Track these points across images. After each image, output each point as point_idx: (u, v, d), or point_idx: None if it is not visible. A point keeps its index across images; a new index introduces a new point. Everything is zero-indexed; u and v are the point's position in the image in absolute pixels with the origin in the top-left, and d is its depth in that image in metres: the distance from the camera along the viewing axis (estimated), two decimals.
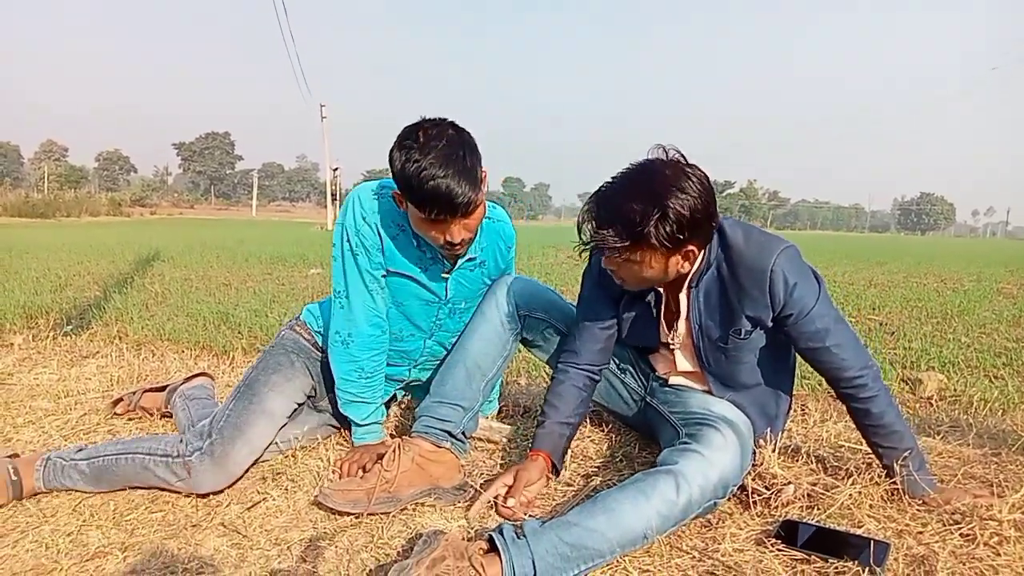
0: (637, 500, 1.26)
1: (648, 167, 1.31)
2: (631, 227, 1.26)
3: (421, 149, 1.35)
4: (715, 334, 1.47)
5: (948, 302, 4.95)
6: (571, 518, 1.24)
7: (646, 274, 1.36)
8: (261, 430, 1.59)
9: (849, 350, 1.42)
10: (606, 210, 1.29)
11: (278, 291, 4.94)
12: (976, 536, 1.30)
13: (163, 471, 1.49)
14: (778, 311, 1.39)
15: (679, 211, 1.24)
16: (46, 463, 1.52)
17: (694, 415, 1.50)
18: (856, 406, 1.46)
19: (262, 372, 1.67)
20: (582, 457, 1.80)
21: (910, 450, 1.44)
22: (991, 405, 2.28)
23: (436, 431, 1.63)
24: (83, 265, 6.37)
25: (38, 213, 24.17)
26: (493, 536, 1.19)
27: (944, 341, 3.43)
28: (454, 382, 1.67)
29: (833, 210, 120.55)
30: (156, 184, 71.17)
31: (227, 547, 1.32)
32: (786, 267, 1.36)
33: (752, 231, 1.42)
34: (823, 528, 1.33)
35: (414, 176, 1.34)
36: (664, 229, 1.25)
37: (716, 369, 1.53)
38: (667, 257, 1.33)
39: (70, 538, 1.34)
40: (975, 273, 7.94)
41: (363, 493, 1.46)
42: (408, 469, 1.52)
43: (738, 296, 1.41)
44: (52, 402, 2.20)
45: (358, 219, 1.55)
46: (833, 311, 1.43)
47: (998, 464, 1.74)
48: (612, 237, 1.28)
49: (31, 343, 3.04)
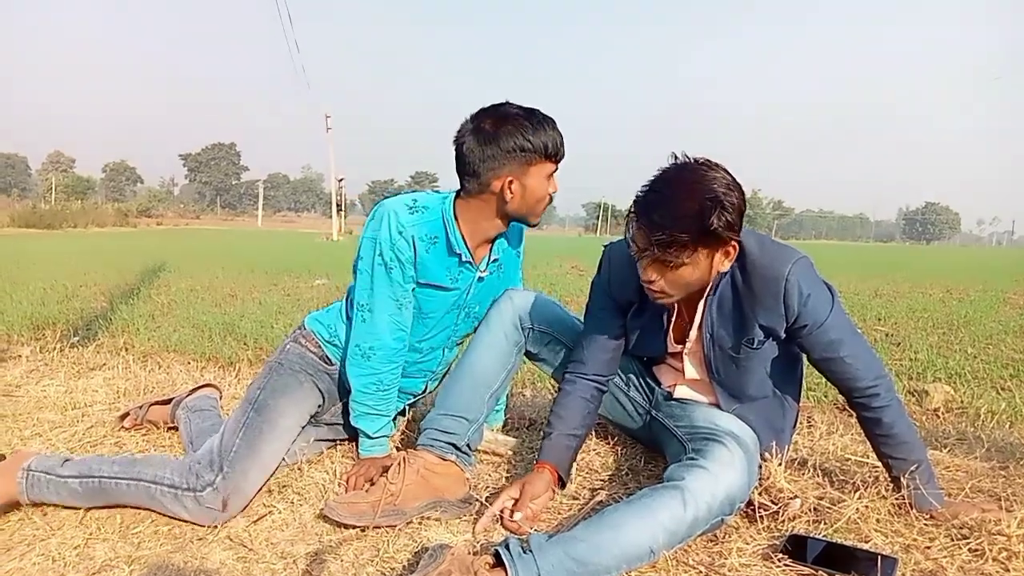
0: (643, 516, 1.26)
1: (685, 168, 1.31)
2: (696, 223, 1.25)
3: (531, 118, 1.53)
4: (727, 343, 1.47)
5: (954, 312, 4.93)
6: (577, 534, 1.24)
7: (691, 278, 1.34)
8: (273, 455, 1.58)
9: (863, 360, 1.43)
10: (663, 214, 1.27)
11: (284, 302, 4.96)
12: (984, 551, 1.30)
13: (171, 503, 1.45)
14: (792, 321, 1.40)
15: (732, 201, 1.26)
16: (27, 476, 1.46)
17: (700, 430, 1.50)
18: (867, 415, 1.46)
19: (270, 396, 1.62)
20: (588, 470, 1.79)
21: (919, 463, 1.44)
22: (998, 417, 2.27)
23: (441, 444, 1.63)
24: (89, 276, 6.40)
25: (45, 224, 24.27)
26: (499, 551, 1.19)
27: (950, 352, 3.42)
28: (459, 394, 1.67)
29: (838, 220, 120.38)
30: (162, 195, 71.61)
31: (233, 560, 1.32)
32: (801, 277, 1.37)
33: (766, 240, 1.43)
34: (830, 543, 1.32)
35: (547, 141, 1.53)
36: (724, 219, 1.25)
37: (725, 379, 1.53)
38: (712, 254, 1.32)
39: (76, 551, 1.34)
40: (981, 283, 7.92)
41: (368, 506, 1.46)
42: (413, 482, 1.52)
43: (752, 305, 1.41)
44: (59, 414, 2.21)
45: (394, 233, 1.57)
46: (847, 322, 1.44)
47: (1006, 478, 1.73)
48: (682, 236, 1.26)
49: (38, 355, 3.06)
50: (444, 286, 1.65)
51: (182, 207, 60.47)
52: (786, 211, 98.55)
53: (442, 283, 1.65)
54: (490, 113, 1.54)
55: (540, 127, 1.52)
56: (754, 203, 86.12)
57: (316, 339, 1.74)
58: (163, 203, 56.75)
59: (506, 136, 1.50)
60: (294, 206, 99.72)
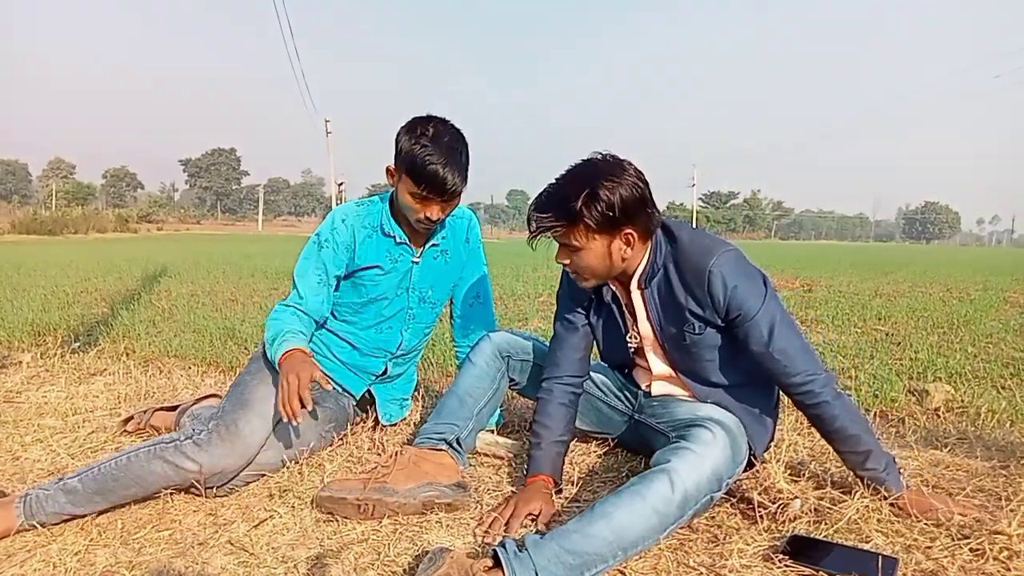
0: (633, 501, 1.27)
1: (584, 161, 1.44)
2: (563, 207, 1.39)
3: (431, 138, 1.61)
4: (672, 331, 1.54)
5: (954, 312, 4.93)
6: (570, 526, 1.25)
7: (591, 260, 1.45)
8: (266, 402, 1.63)
9: (793, 355, 1.43)
10: (544, 198, 1.43)
11: None
12: (985, 551, 1.29)
13: (172, 454, 1.49)
14: (724, 313, 1.45)
15: (608, 194, 1.36)
16: (25, 499, 1.45)
17: (682, 420, 1.53)
18: (807, 412, 1.48)
19: (249, 372, 1.74)
20: (588, 474, 1.79)
21: (869, 451, 1.44)
22: (999, 416, 2.27)
23: (433, 439, 1.69)
24: (90, 282, 6.41)
25: (46, 230, 24.33)
26: (496, 551, 1.19)
27: (951, 351, 3.42)
28: (448, 409, 1.75)
29: (837, 220, 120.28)
30: (163, 200, 71.58)
31: (234, 565, 1.32)
32: (724, 269, 1.42)
33: (697, 234, 1.49)
34: (831, 543, 1.32)
35: (419, 156, 1.60)
36: (595, 208, 1.37)
37: (687, 369, 1.58)
38: (607, 241, 1.43)
39: (77, 557, 1.34)
40: (981, 282, 7.92)
41: (358, 482, 1.51)
42: (404, 466, 1.58)
43: (684, 295, 1.48)
44: (60, 420, 2.21)
45: (337, 220, 1.81)
46: (781, 315, 1.44)
47: (1007, 477, 1.73)
48: (547, 219, 1.41)
49: (39, 361, 3.06)
50: (382, 266, 1.83)
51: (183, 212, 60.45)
52: (786, 211, 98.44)
53: (380, 263, 1.82)
54: (432, 121, 1.67)
55: (436, 158, 1.60)
56: (754, 203, 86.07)
57: None
58: (164, 208, 56.74)
59: (413, 141, 1.62)
60: (294, 210, 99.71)
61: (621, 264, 1.48)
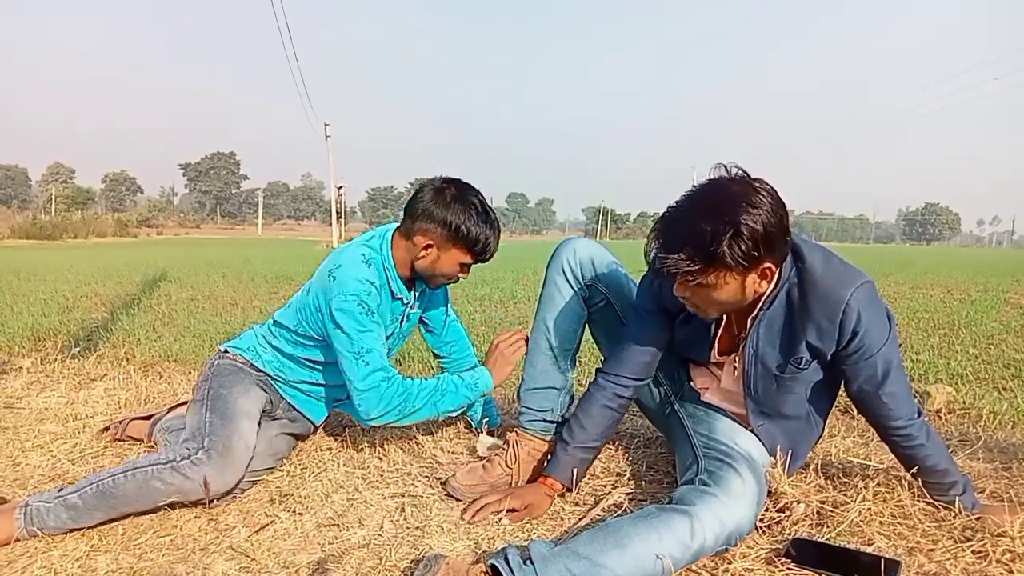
0: (650, 538, 1.23)
1: (714, 185, 1.23)
2: (703, 248, 1.18)
3: (484, 217, 1.67)
4: (772, 362, 1.41)
5: (955, 313, 4.93)
6: (581, 549, 1.21)
7: (722, 298, 1.28)
8: (246, 425, 1.64)
9: (900, 400, 1.39)
10: (675, 233, 1.22)
11: None
12: (988, 553, 1.29)
13: (170, 475, 1.49)
14: (842, 346, 1.34)
15: (752, 227, 1.17)
16: (25, 510, 1.44)
17: (717, 446, 1.45)
18: (900, 452, 1.46)
19: (222, 387, 1.71)
20: (591, 475, 1.79)
21: (955, 482, 1.44)
22: (1000, 418, 2.26)
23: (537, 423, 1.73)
24: (90, 287, 6.41)
25: (46, 235, 24.37)
26: (496, 564, 1.17)
27: (952, 353, 3.42)
28: (543, 366, 1.73)
29: (837, 221, 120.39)
30: (162, 204, 71.78)
31: (235, 571, 1.32)
32: (863, 302, 1.31)
33: (832, 258, 1.36)
34: (834, 546, 1.32)
35: (480, 237, 1.66)
36: (739, 247, 1.17)
37: (760, 397, 1.47)
38: (743, 277, 1.25)
39: (79, 563, 1.34)
40: (982, 283, 7.91)
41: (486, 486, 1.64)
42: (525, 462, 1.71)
43: (803, 323, 1.34)
44: (60, 425, 2.21)
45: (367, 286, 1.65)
46: (897, 357, 1.38)
47: (1009, 478, 1.73)
48: (684, 261, 1.20)
49: (39, 366, 3.06)
50: (386, 327, 1.77)
51: (182, 216, 60.54)
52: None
53: (387, 326, 1.78)
54: (460, 187, 1.68)
55: (483, 225, 1.66)
56: None
57: (239, 355, 1.82)
58: (163, 213, 56.89)
59: (454, 212, 1.64)
60: (294, 214, 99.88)
61: (752, 297, 1.32)
